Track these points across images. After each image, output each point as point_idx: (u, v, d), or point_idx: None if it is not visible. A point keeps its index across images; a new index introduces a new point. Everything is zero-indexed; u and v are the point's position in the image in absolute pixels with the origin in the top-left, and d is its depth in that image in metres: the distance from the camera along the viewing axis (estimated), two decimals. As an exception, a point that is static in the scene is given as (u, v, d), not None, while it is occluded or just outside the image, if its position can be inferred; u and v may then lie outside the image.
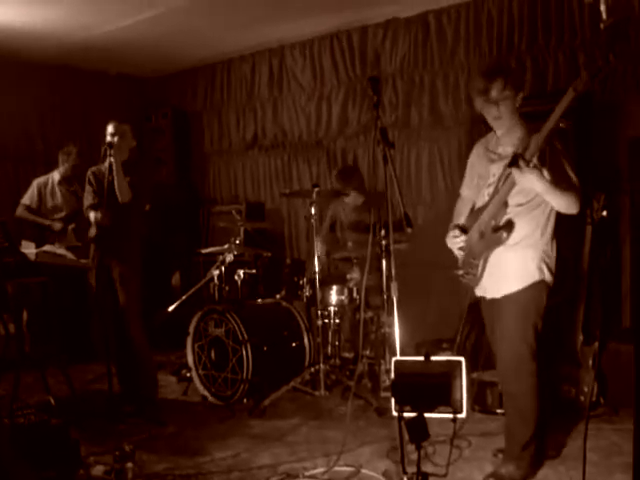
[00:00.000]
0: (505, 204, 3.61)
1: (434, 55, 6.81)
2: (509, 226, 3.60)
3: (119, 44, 7.48)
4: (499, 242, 3.63)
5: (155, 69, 8.72)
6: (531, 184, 3.45)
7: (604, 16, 2.82)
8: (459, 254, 3.89)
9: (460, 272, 3.87)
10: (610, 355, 4.79)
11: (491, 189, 3.71)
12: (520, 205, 3.62)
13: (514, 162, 3.43)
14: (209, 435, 4.74)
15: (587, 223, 4.82)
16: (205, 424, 5.01)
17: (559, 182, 3.49)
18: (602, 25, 2.86)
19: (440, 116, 6.80)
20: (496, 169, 3.71)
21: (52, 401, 5.11)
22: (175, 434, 4.80)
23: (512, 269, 3.67)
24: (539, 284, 3.66)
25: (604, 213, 4.74)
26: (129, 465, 3.71)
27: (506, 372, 3.78)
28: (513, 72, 3.95)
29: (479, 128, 6.41)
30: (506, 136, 3.73)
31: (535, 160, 3.43)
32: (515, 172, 3.44)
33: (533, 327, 3.67)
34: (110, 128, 5.16)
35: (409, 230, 4.39)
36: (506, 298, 3.70)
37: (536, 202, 3.60)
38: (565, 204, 3.53)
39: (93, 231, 5.19)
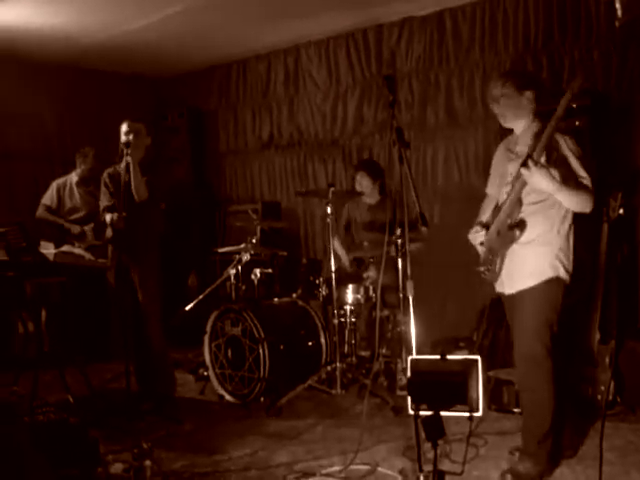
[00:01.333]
0: (519, 202, 3.66)
1: (450, 54, 6.80)
2: (522, 224, 3.65)
3: (135, 44, 7.52)
4: (513, 239, 3.67)
5: (171, 69, 8.76)
6: (539, 184, 3.49)
7: (619, 14, 2.83)
8: (480, 250, 3.93)
9: (481, 268, 3.91)
10: (627, 354, 4.77)
11: (509, 187, 3.75)
12: (534, 203, 3.65)
13: (525, 162, 3.49)
14: (226, 433, 4.76)
15: (604, 221, 4.81)
16: (222, 422, 5.03)
17: (569, 181, 3.53)
18: (617, 23, 2.87)
19: (456, 115, 6.80)
20: (513, 168, 3.75)
21: (71, 399, 5.16)
22: (192, 432, 4.83)
23: (526, 265, 3.70)
24: (553, 281, 3.68)
25: (621, 211, 4.73)
26: (147, 463, 3.72)
27: (521, 367, 3.79)
28: (516, 72, 4.00)
29: (494, 127, 6.45)
30: (523, 135, 3.80)
31: (543, 160, 3.49)
32: (524, 172, 3.50)
33: (547, 324, 3.67)
34: (124, 127, 5.17)
35: (424, 229, 4.41)
36: (520, 294, 3.73)
37: (551, 201, 3.62)
38: (576, 203, 3.57)
39: (109, 232, 5.23)
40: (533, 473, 3.68)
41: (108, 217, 5.22)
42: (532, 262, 3.68)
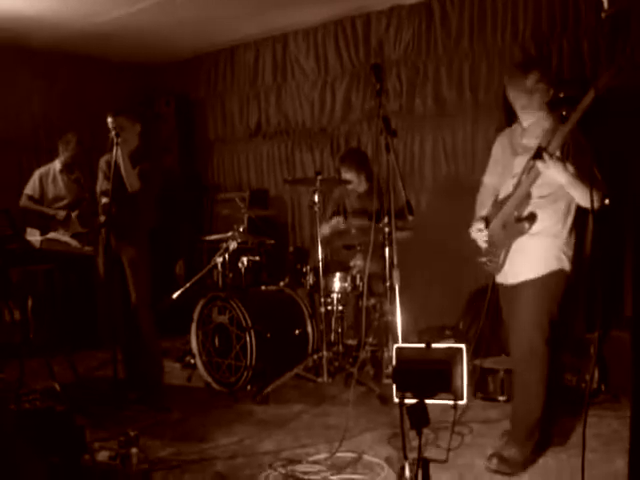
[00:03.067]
0: (528, 195, 3.70)
1: (438, 43, 6.79)
2: (532, 217, 3.69)
3: (123, 32, 7.48)
4: (522, 232, 3.72)
5: (158, 56, 8.70)
6: (555, 176, 3.54)
7: (605, 5, 2.83)
8: (483, 245, 3.94)
9: (483, 260, 3.93)
10: (612, 343, 4.80)
11: (515, 180, 3.77)
12: (543, 197, 3.69)
13: (538, 154, 3.52)
14: (213, 421, 4.77)
15: (589, 212, 4.82)
16: (209, 410, 5.04)
17: (582, 175, 3.55)
18: (603, 15, 2.87)
19: (444, 104, 6.80)
20: (520, 161, 3.78)
21: (57, 387, 5.15)
22: (179, 420, 4.84)
23: (532, 257, 3.74)
24: (558, 273, 3.74)
25: (607, 201, 4.74)
26: (134, 450, 3.73)
27: (518, 356, 3.83)
28: (548, 66, 4.00)
29: (483, 115, 6.47)
30: (531, 128, 3.80)
31: (558, 153, 3.51)
32: (539, 164, 3.54)
33: (548, 314, 3.72)
34: (109, 121, 5.10)
35: (410, 218, 4.42)
36: (524, 284, 3.77)
37: (559, 194, 3.67)
38: (587, 197, 3.57)
39: (102, 218, 5.19)
40: (518, 460, 3.72)
41: (104, 200, 5.20)
42: (538, 254, 3.73)
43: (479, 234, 3.94)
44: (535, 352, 3.70)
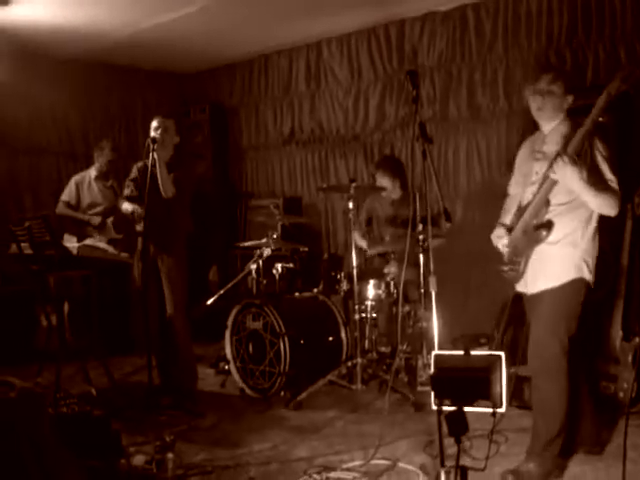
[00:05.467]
0: (547, 203, 3.65)
1: (472, 49, 6.76)
2: (548, 225, 3.63)
3: (158, 41, 7.54)
4: (539, 240, 3.66)
5: (193, 65, 8.79)
6: (570, 180, 3.48)
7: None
8: (504, 251, 3.90)
9: (504, 268, 3.89)
10: (649, 351, 4.74)
11: (535, 187, 3.73)
12: (562, 204, 3.64)
13: (557, 158, 3.49)
14: (247, 427, 4.78)
15: (627, 218, 4.77)
16: (243, 416, 5.06)
17: (597, 183, 3.51)
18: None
19: (478, 110, 6.76)
20: (539, 167, 3.74)
21: (94, 392, 5.21)
22: (213, 426, 4.85)
23: (551, 265, 3.68)
24: (577, 282, 3.66)
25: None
26: (169, 455, 3.76)
27: (535, 367, 3.76)
28: (567, 74, 3.97)
29: (517, 121, 6.42)
30: (551, 135, 3.77)
31: (576, 157, 3.47)
32: (555, 168, 3.49)
33: (566, 324, 3.66)
34: (154, 122, 5.21)
35: (448, 225, 4.40)
36: (543, 293, 3.71)
37: (578, 202, 3.61)
38: (603, 205, 3.55)
39: (140, 226, 5.23)
40: (535, 474, 3.63)
41: (124, 205, 5.26)
42: (557, 262, 3.67)
43: (499, 240, 3.91)
44: (551, 362, 3.64)
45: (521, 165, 4.02)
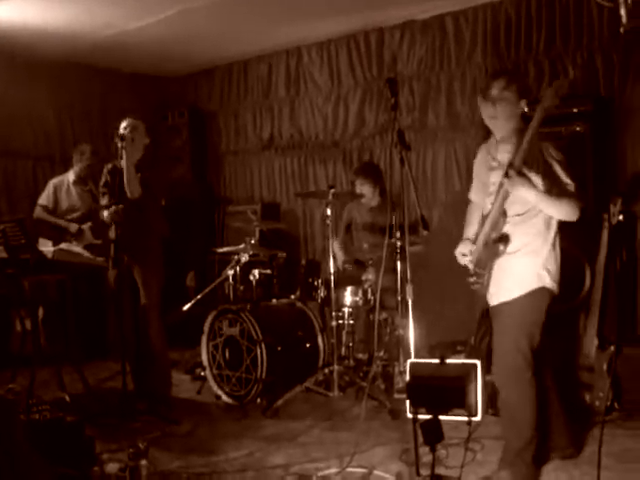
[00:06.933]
0: (504, 213, 3.60)
1: (451, 57, 6.80)
2: (505, 239, 3.59)
3: (138, 43, 7.51)
4: (498, 254, 3.62)
5: (173, 68, 8.75)
6: (522, 193, 3.46)
7: (624, 20, 2.82)
8: (469, 264, 3.87)
9: (470, 280, 3.85)
10: (625, 360, 4.76)
11: (492, 198, 3.68)
12: (518, 215, 3.60)
13: (507, 172, 3.45)
14: (222, 434, 4.76)
15: (603, 227, 4.79)
16: (218, 423, 5.03)
17: (553, 189, 3.47)
18: (622, 29, 2.86)
19: (457, 118, 6.79)
20: (496, 177, 3.68)
21: (67, 398, 5.16)
22: (189, 433, 4.82)
23: (511, 276, 3.64)
24: (539, 291, 3.62)
25: (620, 217, 4.71)
26: (143, 463, 3.71)
27: (500, 380, 3.75)
28: (519, 77, 3.91)
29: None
30: (504, 142, 3.70)
31: (524, 169, 3.44)
32: (506, 182, 3.46)
33: (528, 336, 3.61)
34: (124, 122, 5.19)
35: (425, 233, 4.40)
36: (503, 305, 3.68)
37: (536, 210, 3.57)
38: (561, 211, 3.52)
39: (112, 233, 5.19)
40: None
41: (105, 214, 5.22)
42: (518, 272, 3.62)
43: (463, 258, 3.86)
44: (516, 373, 3.61)
45: (479, 172, 3.95)
